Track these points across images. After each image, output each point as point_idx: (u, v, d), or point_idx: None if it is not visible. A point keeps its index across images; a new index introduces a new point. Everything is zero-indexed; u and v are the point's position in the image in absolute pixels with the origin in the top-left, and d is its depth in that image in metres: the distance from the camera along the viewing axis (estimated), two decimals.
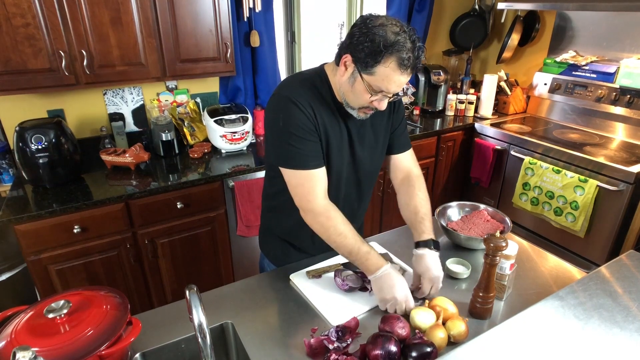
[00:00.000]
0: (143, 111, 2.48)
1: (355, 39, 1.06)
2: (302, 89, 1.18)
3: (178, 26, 2.08)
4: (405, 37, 1.03)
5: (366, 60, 1.05)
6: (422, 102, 3.28)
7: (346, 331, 1.08)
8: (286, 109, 1.15)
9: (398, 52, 1.02)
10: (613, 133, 2.75)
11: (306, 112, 1.15)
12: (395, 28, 1.04)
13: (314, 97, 1.18)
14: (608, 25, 2.75)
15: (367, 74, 1.07)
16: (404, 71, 1.05)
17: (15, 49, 1.77)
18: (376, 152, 1.34)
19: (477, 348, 0.88)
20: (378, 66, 1.04)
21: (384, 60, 1.03)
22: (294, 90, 1.17)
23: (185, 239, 2.16)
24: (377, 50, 1.02)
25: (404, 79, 1.08)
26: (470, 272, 1.33)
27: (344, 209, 1.25)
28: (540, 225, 2.69)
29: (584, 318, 0.96)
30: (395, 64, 1.04)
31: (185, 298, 0.83)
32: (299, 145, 1.15)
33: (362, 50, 1.04)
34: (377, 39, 1.02)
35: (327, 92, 1.20)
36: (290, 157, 1.17)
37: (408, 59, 1.04)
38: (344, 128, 1.23)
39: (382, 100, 1.13)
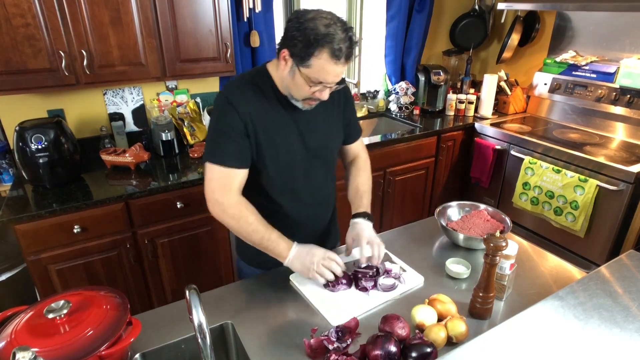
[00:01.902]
0: (143, 111, 2.48)
1: (290, 34, 1.10)
2: (242, 88, 1.22)
3: (178, 26, 2.08)
4: (336, 29, 1.06)
5: (301, 54, 1.08)
6: (422, 102, 3.28)
7: (346, 331, 1.08)
8: (221, 108, 1.21)
9: (329, 44, 1.06)
10: (613, 133, 2.75)
11: (240, 112, 1.18)
12: (325, 20, 1.07)
13: (254, 96, 1.21)
14: (608, 25, 2.74)
15: (304, 67, 1.10)
16: (338, 61, 1.09)
17: (15, 49, 1.77)
18: (331, 141, 1.39)
19: (477, 348, 0.88)
20: (312, 59, 1.08)
21: (317, 53, 1.07)
22: (233, 90, 1.22)
23: (185, 238, 2.16)
24: (309, 44, 1.06)
25: (340, 69, 1.11)
26: (470, 272, 1.34)
27: (309, 195, 1.37)
28: (540, 225, 2.69)
29: (584, 318, 0.96)
30: (327, 55, 1.07)
31: (185, 298, 0.83)
32: (223, 143, 1.20)
33: (296, 44, 1.08)
34: (308, 32, 1.06)
35: (270, 89, 1.23)
36: (212, 152, 1.21)
37: (340, 50, 1.07)
38: (291, 121, 1.26)
39: (323, 91, 1.17)
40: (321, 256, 1.22)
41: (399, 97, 3.15)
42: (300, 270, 1.23)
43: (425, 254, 1.46)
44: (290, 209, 1.36)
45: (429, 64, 3.27)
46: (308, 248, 1.24)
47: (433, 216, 1.58)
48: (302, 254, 1.22)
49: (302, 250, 1.23)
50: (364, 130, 3.21)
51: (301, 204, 1.38)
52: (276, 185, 1.32)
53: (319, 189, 1.42)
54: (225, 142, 1.20)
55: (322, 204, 1.46)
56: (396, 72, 3.25)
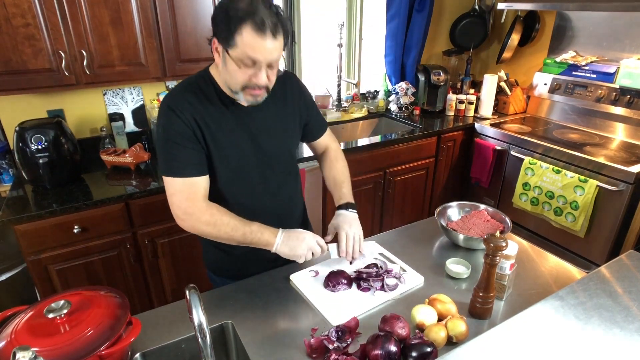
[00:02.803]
0: (143, 111, 2.48)
1: (215, 21, 1.07)
2: (183, 94, 1.18)
3: (178, 26, 2.08)
4: (258, 3, 1.02)
5: (225, 35, 1.04)
6: (422, 102, 3.28)
7: (346, 331, 1.08)
8: (166, 117, 1.16)
9: (252, 17, 1.01)
10: (613, 133, 2.75)
11: (184, 118, 1.14)
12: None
13: (197, 100, 1.17)
14: (608, 26, 2.75)
15: (231, 49, 1.06)
16: (264, 35, 1.03)
17: (15, 49, 1.77)
18: (287, 141, 1.36)
19: (477, 348, 0.88)
20: (236, 37, 1.03)
21: (239, 29, 1.02)
22: (174, 97, 1.18)
23: (185, 239, 2.15)
24: (230, 21, 1.02)
25: (270, 44, 1.05)
26: (470, 272, 1.33)
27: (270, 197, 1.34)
28: (540, 225, 2.69)
29: (584, 318, 0.96)
30: (250, 29, 1.02)
31: (185, 298, 0.83)
32: (176, 153, 1.15)
33: (219, 27, 1.05)
34: (229, 11, 1.02)
35: (213, 92, 1.20)
36: (168, 165, 1.16)
37: (263, 22, 1.01)
38: (240, 124, 1.23)
39: (259, 73, 1.10)
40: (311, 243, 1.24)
41: (399, 97, 3.15)
42: (289, 255, 1.23)
43: (425, 254, 1.46)
44: (252, 212, 1.27)
45: (429, 64, 3.27)
46: (297, 233, 1.24)
47: (433, 216, 1.58)
48: (290, 238, 1.22)
49: (290, 235, 1.23)
50: (364, 130, 3.21)
51: (262, 205, 1.33)
52: (232, 190, 1.28)
53: (281, 190, 1.37)
54: (177, 151, 1.15)
55: (286, 204, 1.42)
56: (396, 72, 3.25)
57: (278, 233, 1.23)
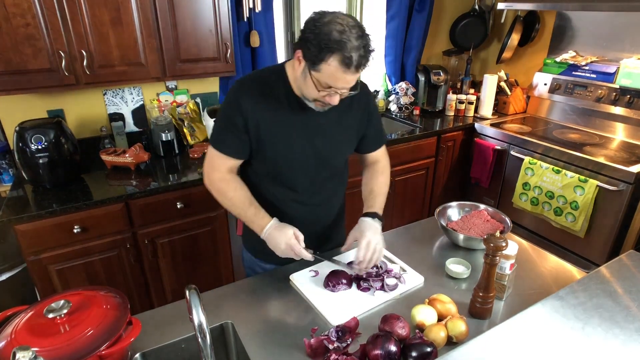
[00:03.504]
0: (143, 111, 2.48)
1: (305, 35, 1.09)
2: (251, 84, 1.25)
3: (178, 26, 2.08)
4: (350, 36, 1.04)
5: (312, 58, 1.08)
6: (422, 102, 3.28)
7: (346, 331, 1.08)
8: (227, 100, 1.26)
9: (341, 51, 1.04)
10: (613, 133, 2.75)
11: (242, 109, 1.22)
12: (340, 26, 1.04)
13: (261, 94, 1.24)
14: (608, 26, 2.74)
15: (315, 71, 1.10)
16: (348, 69, 1.07)
17: (15, 49, 1.77)
18: (341, 148, 1.38)
19: (477, 348, 0.88)
20: (322, 64, 1.07)
21: (327, 59, 1.06)
22: (241, 85, 1.26)
23: (185, 239, 2.16)
24: (321, 49, 1.05)
25: (351, 77, 1.10)
26: (470, 272, 1.34)
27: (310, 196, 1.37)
28: (540, 225, 2.69)
29: (584, 318, 0.96)
30: (337, 62, 1.05)
31: (185, 298, 0.83)
32: (222, 133, 1.27)
33: (309, 47, 1.07)
34: (321, 37, 1.04)
35: (282, 90, 1.24)
36: (214, 137, 1.30)
37: (350, 58, 1.04)
38: (298, 122, 1.27)
39: (333, 96, 1.15)
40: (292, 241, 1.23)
41: (399, 97, 3.15)
42: (272, 246, 1.26)
43: (425, 254, 1.46)
44: (288, 206, 1.37)
45: (429, 64, 3.27)
46: (283, 229, 1.25)
47: (433, 216, 1.58)
48: (276, 232, 1.25)
49: (276, 231, 1.25)
50: None
51: (300, 203, 1.38)
52: (276, 181, 1.34)
53: (323, 192, 1.41)
54: (224, 132, 1.27)
55: (324, 206, 1.45)
56: (396, 72, 3.25)
57: (268, 225, 1.26)
